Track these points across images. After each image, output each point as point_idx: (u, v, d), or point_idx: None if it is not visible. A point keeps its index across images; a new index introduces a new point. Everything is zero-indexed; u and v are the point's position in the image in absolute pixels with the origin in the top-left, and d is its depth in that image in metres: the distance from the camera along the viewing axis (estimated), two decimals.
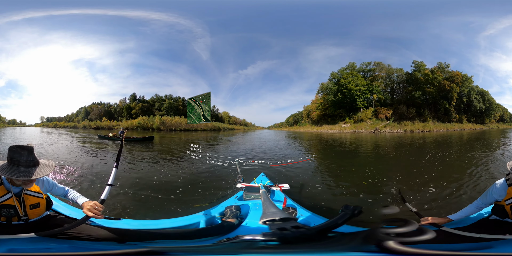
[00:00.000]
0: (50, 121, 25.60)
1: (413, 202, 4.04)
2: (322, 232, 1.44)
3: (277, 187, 3.58)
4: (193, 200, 4.41)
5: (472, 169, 6.66)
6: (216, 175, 6.20)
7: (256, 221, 1.82)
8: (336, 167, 7.92)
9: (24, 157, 1.93)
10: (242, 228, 2.33)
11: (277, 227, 1.34)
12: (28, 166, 1.95)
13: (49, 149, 11.55)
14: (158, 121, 26.81)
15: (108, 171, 2.50)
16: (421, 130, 20.73)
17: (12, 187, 1.99)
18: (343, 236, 1.46)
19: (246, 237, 1.55)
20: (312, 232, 1.38)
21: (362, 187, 5.33)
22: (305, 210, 2.92)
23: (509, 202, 2.14)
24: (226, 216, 2.63)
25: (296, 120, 35.56)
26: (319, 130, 28.55)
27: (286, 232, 1.30)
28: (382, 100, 24.08)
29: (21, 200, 2.01)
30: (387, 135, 21.13)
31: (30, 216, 2.06)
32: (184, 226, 2.55)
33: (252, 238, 1.49)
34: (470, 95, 20.39)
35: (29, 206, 2.04)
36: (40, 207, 2.10)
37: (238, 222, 2.47)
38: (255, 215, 2.58)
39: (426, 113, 21.72)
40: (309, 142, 17.72)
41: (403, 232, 1.36)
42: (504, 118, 20.02)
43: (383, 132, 21.68)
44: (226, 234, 2.26)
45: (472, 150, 10.25)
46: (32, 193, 2.07)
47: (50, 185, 2.21)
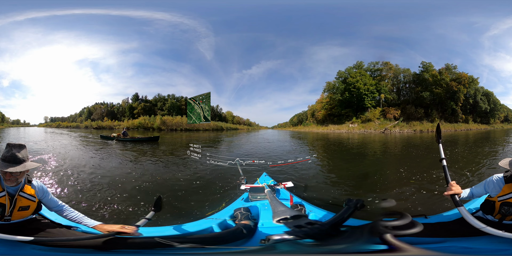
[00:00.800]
0: (54, 121, 25.39)
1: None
2: (334, 227, 1.47)
3: (281, 185, 3.55)
4: (198, 204, 4.35)
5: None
6: (217, 177, 6.06)
7: (271, 221, 1.80)
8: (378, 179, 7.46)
9: (16, 150, 2.00)
10: (261, 229, 2.33)
11: (292, 224, 1.37)
12: (15, 162, 1.98)
13: (40, 147, 11.57)
14: (159, 120, 26.36)
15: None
16: (431, 130, 21.37)
17: (8, 186, 2.01)
18: (353, 230, 1.50)
19: (275, 237, 1.55)
20: (326, 227, 1.41)
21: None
22: (312, 206, 2.94)
23: (501, 198, 2.09)
24: (238, 219, 2.61)
25: (301, 120, 35.60)
26: (325, 130, 28.77)
27: (304, 229, 1.32)
28: (389, 100, 24.58)
29: (13, 200, 2.02)
30: (397, 135, 21.68)
31: (14, 217, 2.06)
32: (199, 232, 2.50)
33: (281, 237, 1.51)
34: (476, 96, 21.21)
35: (19, 207, 2.05)
36: (28, 210, 2.11)
37: (254, 224, 2.46)
38: (267, 215, 2.55)
39: (434, 114, 22.37)
40: (318, 143, 17.68)
41: (398, 225, 1.44)
42: (508, 119, 21.00)
43: (393, 132, 22.24)
44: (248, 236, 2.26)
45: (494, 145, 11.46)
46: (26, 195, 2.09)
47: (44, 193, 2.21)
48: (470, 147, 12.34)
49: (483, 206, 2.22)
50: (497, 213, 2.13)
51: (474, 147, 12.16)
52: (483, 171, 6.86)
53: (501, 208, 2.08)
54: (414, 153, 10.96)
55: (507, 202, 2.07)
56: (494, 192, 2.13)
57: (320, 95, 32.37)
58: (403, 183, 5.55)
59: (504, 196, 2.07)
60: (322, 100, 32.17)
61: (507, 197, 2.07)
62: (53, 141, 15.24)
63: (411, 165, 7.59)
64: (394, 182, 5.63)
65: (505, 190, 2.08)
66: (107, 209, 4.26)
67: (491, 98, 20.93)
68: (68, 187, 5.52)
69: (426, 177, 5.88)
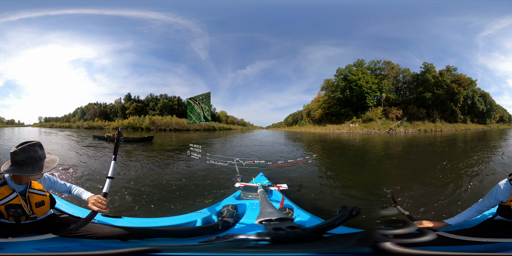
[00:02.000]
0: (48, 121, 24.98)
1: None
2: (317, 233, 1.45)
3: (275, 187, 3.67)
4: (192, 199, 4.61)
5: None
6: (215, 175, 6.38)
7: (252, 221, 1.80)
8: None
9: (40, 152, 2.00)
10: (237, 227, 2.43)
11: (272, 227, 1.39)
12: (45, 158, 2.03)
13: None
14: (148, 120, 26.05)
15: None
16: (434, 130, 21.75)
17: (17, 186, 2.02)
18: (337, 237, 1.46)
19: (239, 236, 1.61)
20: (307, 233, 1.40)
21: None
22: (302, 210, 3.00)
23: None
24: (223, 215, 2.71)
25: (295, 119, 34.54)
26: (323, 130, 27.91)
27: (281, 232, 1.34)
28: (390, 100, 24.67)
29: (26, 199, 2.04)
30: (403, 135, 21.71)
31: (37, 214, 2.09)
32: (182, 224, 2.65)
33: (245, 237, 1.54)
34: (474, 97, 22.09)
35: (35, 204, 2.07)
36: (45, 204, 2.13)
37: (233, 221, 2.56)
38: (252, 214, 2.66)
39: (435, 114, 22.84)
40: (317, 146, 16.19)
41: (401, 234, 1.35)
42: (503, 119, 22.24)
43: (398, 132, 22.24)
44: (221, 232, 2.33)
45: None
46: (36, 191, 2.10)
47: (52, 182, 2.25)
48: (477, 144, 13.51)
49: (500, 211, 2.24)
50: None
51: (482, 142, 13.33)
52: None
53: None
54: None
55: None
56: (505, 198, 2.17)
57: (317, 94, 31.74)
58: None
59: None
60: (319, 98, 31.33)
61: None
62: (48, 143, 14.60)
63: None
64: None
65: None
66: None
67: (488, 99, 21.98)
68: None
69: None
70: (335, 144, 16.51)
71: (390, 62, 24.79)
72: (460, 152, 10.48)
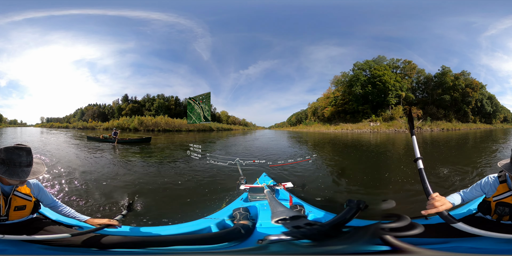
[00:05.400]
0: (49, 121, 25.14)
1: None
2: (335, 228, 1.52)
3: (280, 186, 3.63)
4: (196, 204, 4.39)
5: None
6: (216, 177, 6.12)
7: (269, 221, 1.76)
8: None
9: (23, 158, 1.95)
10: (259, 229, 2.36)
11: (290, 225, 1.43)
12: (27, 166, 1.99)
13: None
14: (136, 121, 24.77)
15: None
16: (454, 129, 23.10)
17: (2, 185, 1.99)
18: (356, 230, 1.53)
19: (272, 237, 1.58)
20: (326, 228, 1.46)
21: None
22: (312, 207, 2.99)
23: (496, 198, 2.16)
24: (237, 218, 2.65)
25: (299, 119, 32.75)
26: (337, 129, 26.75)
27: (302, 229, 1.38)
28: (409, 99, 25.30)
29: (7, 200, 2.01)
30: (430, 133, 22.50)
31: (11, 217, 2.07)
32: (196, 231, 2.51)
33: (278, 238, 1.55)
34: (482, 99, 24.28)
35: (14, 207, 2.06)
36: (25, 209, 2.12)
37: (252, 224, 2.50)
38: (266, 215, 2.59)
39: (450, 115, 24.31)
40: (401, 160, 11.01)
41: (396, 227, 1.50)
42: (507, 119, 25.07)
43: (425, 131, 22.97)
44: (246, 236, 2.28)
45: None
46: (21, 195, 2.09)
47: (39, 190, 2.22)
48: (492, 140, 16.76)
49: (480, 206, 2.25)
50: (494, 214, 2.20)
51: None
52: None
53: (496, 208, 2.16)
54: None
55: (502, 202, 2.13)
56: (490, 193, 2.18)
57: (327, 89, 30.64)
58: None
59: (499, 196, 2.14)
60: (329, 95, 30.21)
61: (501, 197, 2.13)
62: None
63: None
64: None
65: (500, 190, 2.16)
66: (105, 208, 4.46)
67: (494, 101, 24.43)
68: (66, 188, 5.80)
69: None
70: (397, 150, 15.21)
71: (411, 62, 25.16)
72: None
